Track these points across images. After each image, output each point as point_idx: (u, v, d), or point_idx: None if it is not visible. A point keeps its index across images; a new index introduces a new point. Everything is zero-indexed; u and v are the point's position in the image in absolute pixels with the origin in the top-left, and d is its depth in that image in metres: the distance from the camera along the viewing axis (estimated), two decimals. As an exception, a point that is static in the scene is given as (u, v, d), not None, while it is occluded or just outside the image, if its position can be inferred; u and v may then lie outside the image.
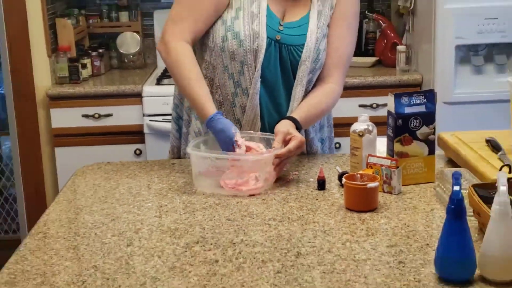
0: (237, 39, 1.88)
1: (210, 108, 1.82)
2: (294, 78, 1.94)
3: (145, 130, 3.30)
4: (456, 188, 1.22)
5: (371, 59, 3.59)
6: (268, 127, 1.94)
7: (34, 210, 3.43)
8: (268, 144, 1.84)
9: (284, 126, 1.82)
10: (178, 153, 2.13)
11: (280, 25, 1.93)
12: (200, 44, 1.96)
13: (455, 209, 1.20)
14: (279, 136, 1.79)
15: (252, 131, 1.91)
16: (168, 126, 3.09)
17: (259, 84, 1.92)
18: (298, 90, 1.95)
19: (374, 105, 3.30)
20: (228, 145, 1.77)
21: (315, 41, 1.92)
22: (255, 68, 1.90)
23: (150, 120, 3.29)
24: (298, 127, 1.85)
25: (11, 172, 4.05)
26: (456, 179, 1.26)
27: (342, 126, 2.22)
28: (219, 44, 1.90)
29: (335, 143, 2.22)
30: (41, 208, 3.30)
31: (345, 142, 1.90)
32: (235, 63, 1.91)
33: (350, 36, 2.01)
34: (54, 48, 3.48)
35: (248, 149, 1.77)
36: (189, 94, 1.89)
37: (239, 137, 1.76)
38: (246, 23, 1.88)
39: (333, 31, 1.98)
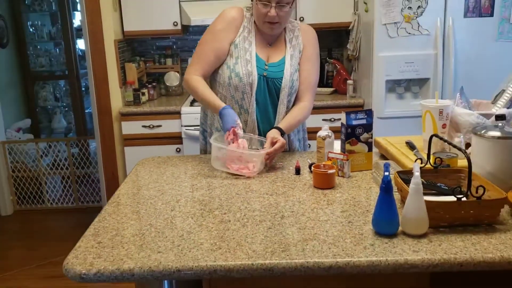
0: (238, 77, 1.87)
1: (219, 104, 1.81)
2: (278, 100, 1.93)
3: (183, 136, 3.28)
4: (386, 173, 1.22)
5: (330, 89, 3.57)
6: (262, 133, 1.93)
7: (110, 187, 3.44)
8: (261, 144, 1.83)
9: (272, 133, 1.82)
10: (204, 153, 2.12)
11: (266, 65, 1.91)
12: (215, 82, 1.95)
13: (385, 187, 1.20)
14: (268, 140, 1.78)
15: (251, 134, 1.91)
16: (197, 133, 3.10)
17: (255, 105, 1.90)
18: (281, 108, 1.93)
19: (332, 119, 3.28)
20: (228, 125, 1.75)
21: (290, 75, 1.91)
22: (251, 95, 1.89)
23: (186, 129, 3.27)
24: (283, 133, 1.84)
25: (96, 162, 4.06)
26: (386, 167, 1.26)
27: (312, 133, 2.21)
28: (227, 81, 1.90)
29: (308, 144, 2.22)
30: (115, 186, 3.33)
31: (314, 143, 1.90)
32: (238, 93, 1.90)
33: (314, 70, 1.99)
34: (123, 82, 3.46)
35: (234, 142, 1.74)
36: (202, 100, 1.88)
37: (238, 130, 1.75)
38: (243, 66, 1.87)
39: (303, 67, 1.96)
